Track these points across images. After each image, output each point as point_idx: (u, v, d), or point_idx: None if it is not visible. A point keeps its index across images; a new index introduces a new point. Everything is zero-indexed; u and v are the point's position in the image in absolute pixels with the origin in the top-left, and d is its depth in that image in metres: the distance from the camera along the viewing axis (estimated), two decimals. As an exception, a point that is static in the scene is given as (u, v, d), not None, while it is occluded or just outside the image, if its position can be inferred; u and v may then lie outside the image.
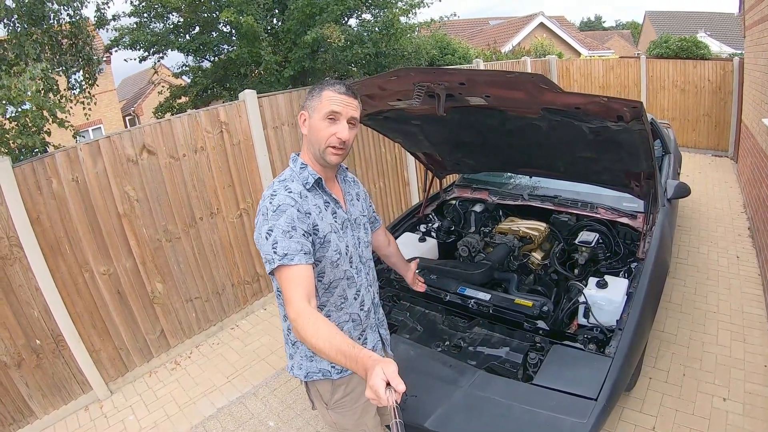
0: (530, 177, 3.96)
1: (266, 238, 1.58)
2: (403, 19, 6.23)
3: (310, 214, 1.66)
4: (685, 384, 3.27)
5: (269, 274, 1.60)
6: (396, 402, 1.16)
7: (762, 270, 4.53)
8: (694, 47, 8.91)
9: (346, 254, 1.78)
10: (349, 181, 1.99)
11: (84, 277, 3.69)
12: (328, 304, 1.80)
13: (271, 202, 1.62)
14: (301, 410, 3.43)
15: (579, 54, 19.44)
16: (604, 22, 58.98)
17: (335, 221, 1.76)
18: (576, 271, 3.33)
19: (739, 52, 11.97)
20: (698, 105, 8.90)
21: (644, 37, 26.52)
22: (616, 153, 2.60)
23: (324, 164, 1.74)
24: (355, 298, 1.85)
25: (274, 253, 1.55)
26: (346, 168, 2.00)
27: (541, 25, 19.64)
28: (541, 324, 2.64)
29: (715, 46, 14.27)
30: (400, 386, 1.16)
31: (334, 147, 1.68)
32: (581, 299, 2.71)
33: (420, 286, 2.64)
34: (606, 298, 2.68)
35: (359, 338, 1.93)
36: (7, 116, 3.91)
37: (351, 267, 1.82)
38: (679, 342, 3.69)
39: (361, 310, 1.89)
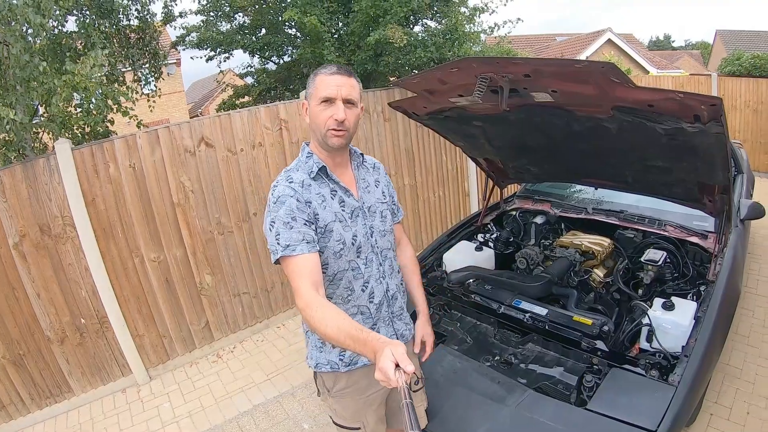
0: (595, 189, 3.77)
1: (269, 229, 1.60)
2: (468, 26, 6.15)
3: (310, 203, 1.65)
4: (748, 424, 3.01)
5: (275, 263, 1.62)
6: (405, 383, 1.16)
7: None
8: (767, 65, 8.44)
9: (353, 244, 1.73)
10: (366, 167, 1.93)
11: (134, 262, 3.75)
12: (335, 296, 1.76)
13: (272, 194, 1.65)
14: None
15: (647, 72, 18.83)
16: (673, 41, 57.39)
17: (343, 210, 1.73)
18: (640, 291, 3.13)
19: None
20: (772, 126, 8.39)
21: (714, 57, 25.49)
22: (690, 161, 2.41)
23: (328, 149, 1.71)
24: (363, 290, 1.79)
25: (277, 243, 1.57)
26: (362, 153, 1.93)
27: (609, 41, 19.16)
28: (600, 345, 2.47)
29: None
30: (409, 367, 1.16)
31: (333, 129, 1.64)
32: (645, 321, 2.52)
33: (420, 349, 2.11)
34: (672, 322, 2.47)
35: None
36: (73, 104, 4.04)
37: (358, 258, 1.76)
38: (744, 377, 3.41)
39: (371, 302, 1.81)
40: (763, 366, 3.51)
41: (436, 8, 6.22)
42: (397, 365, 1.17)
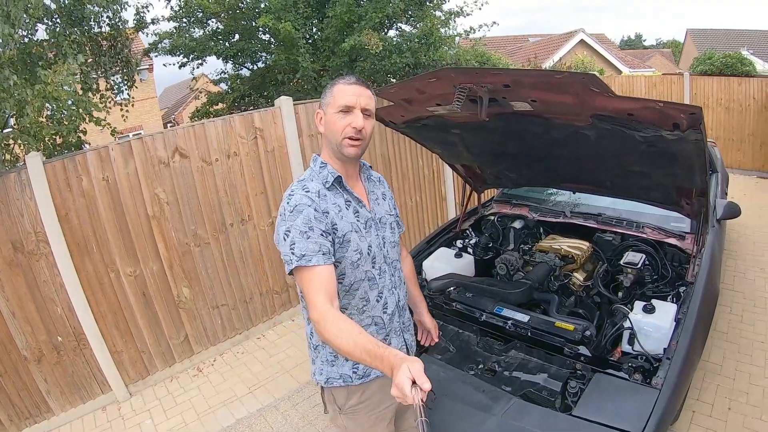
0: (573, 192, 3.79)
1: (284, 238, 1.58)
2: (443, 30, 6.15)
3: (328, 213, 1.63)
4: (730, 419, 3.06)
5: (288, 273, 1.59)
6: (421, 400, 1.15)
7: (813, 299, 4.27)
8: (738, 64, 8.62)
9: (369, 254, 1.73)
10: (373, 180, 1.93)
11: (110, 277, 3.68)
12: (350, 306, 1.74)
13: (288, 202, 1.61)
14: (323, 428, 3.32)
15: (620, 72, 19.12)
16: (644, 40, 58.21)
17: (358, 220, 1.73)
18: (620, 294, 3.15)
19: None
20: (743, 124, 8.57)
21: (686, 56, 25.97)
22: (669, 166, 2.44)
23: (343, 159, 1.71)
24: (378, 300, 1.79)
25: (292, 253, 1.54)
26: (370, 167, 1.94)
27: (582, 42, 19.39)
28: (582, 350, 2.47)
29: (758, 65, 13.83)
30: (426, 385, 1.16)
31: (350, 138, 1.64)
32: (626, 324, 2.54)
33: (428, 340, 2.35)
34: (653, 324, 2.49)
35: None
36: (45, 115, 3.94)
37: (373, 268, 1.76)
38: (724, 373, 3.47)
39: (384, 313, 1.81)
40: (743, 362, 3.58)
41: (410, 12, 6.22)
42: (414, 382, 1.16)
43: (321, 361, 1.83)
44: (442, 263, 3.46)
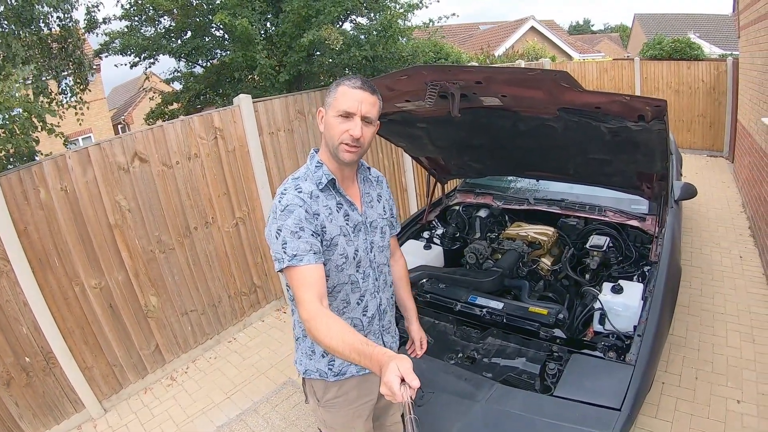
0: (537, 181, 3.86)
1: (276, 237, 1.59)
2: (400, 21, 6.15)
3: (318, 215, 1.64)
4: (698, 388, 3.21)
5: (278, 272, 1.61)
6: (411, 398, 1.16)
7: (766, 269, 4.51)
8: (687, 48, 8.95)
9: (354, 258, 1.74)
10: (371, 181, 1.91)
11: (74, 291, 3.55)
12: (330, 307, 1.73)
13: (280, 201, 1.62)
14: (305, 427, 3.31)
15: (570, 57, 19.54)
16: (592, 25, 59.44)
17: (347, 224, 1.73)
18: (588, 276, 3.25)
19: (729, 53, 12.04)
20: (693, 106, 8.93)
21: (633, 40, 26.69)
22: (632, 154, 2.53)
23: (339, 162, 1.69)
24: (358, 303, 1.81)
25: (284, 252, 1.56)
26: (369, 167, 1.92)
27: (532, 29, 19.72)
28: (557, 332, 2.55)
29: (705, 48, 14.35)
30: (415, 382, 1.16)
31: (347, 144, 1.62)
32: (597, 305, 2.62)
33: (415, 352, 2.17)
34: (622, 304, 2.60)
35: None
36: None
37: (357, 272, 1.78)
38: (689, 345, 3.63)
39: (364, 315, 1.83)
40: (705, 333, 3.76)
41: (367, 5, 6.18)
42: (403, 380, 1.17)
43: (301, 353, 1.87)
44: (412, 256, 3.49)
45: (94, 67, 7.00)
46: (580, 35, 38.56)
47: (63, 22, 5.27)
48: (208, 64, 6.90)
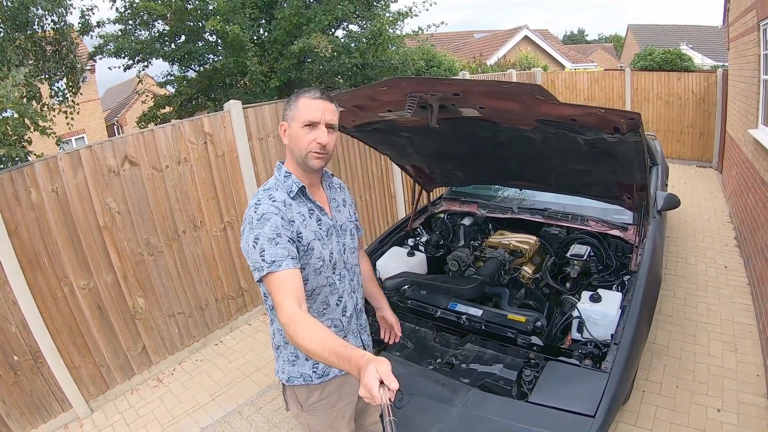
0: (520, 190, 3.91)
1: (253, 246, 1.59)
2: (390, 30, 6.20)
3: (293, 222, 1.67)
4: (678, 396, 3.24)
5: (257, 281, 1.61)
6: (390, 400, 1.17)
7: (750, 279, 4.54)
8: (678, 59, 9.04)
9: (330, 261, 1.79)
10: (335, 187, 1.98)
11: (63, 292, 3.57)
12: (311, 310, 1.78)
13: (255, 211, 1.64)
14: (288, 429, 3.34)
15: (563, 67, 19.67)
16: (587, 35, 59.81)
17: (320, 228, 1.77)
18: (568, 284, 3.29)
19: (721, 64, 12.15)
20: (682, 117, 9.01)
21: (627, 50, 26.88)
22: (610, 165, 2.58)
23: (307, 170, 1.75)
24: (338, 304, 1.85)
25: (263, 260, 1.56)
26: (332, 174, 1.99)
27: (526, 38, 19.86)
28: (535, 340, 2.59)
29: (697, 59, 14.50)
30: (394, 384, 1.17)
31: (315, 152, 1.69)
32: (575, 314, 2.67)
33: (391, 337, 2.36)
34: (600, 312, 2.64)
35: None
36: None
37: (334, 274, 1.82)
38: (671, 353, 3.66)
39: (344, 315, 1.88)
40: (687, 342, 3.78)
41: (358, 13, 6.23)
42: (382, 382, 1.17)
43: (283, 361, 1.88)
44: (396, 262, 3.53)
45: (88, 68, 7.00)
46: (574, 45, 38.80)
47: (57, 25, 5.29)
48: (201, 68, 6.94)
